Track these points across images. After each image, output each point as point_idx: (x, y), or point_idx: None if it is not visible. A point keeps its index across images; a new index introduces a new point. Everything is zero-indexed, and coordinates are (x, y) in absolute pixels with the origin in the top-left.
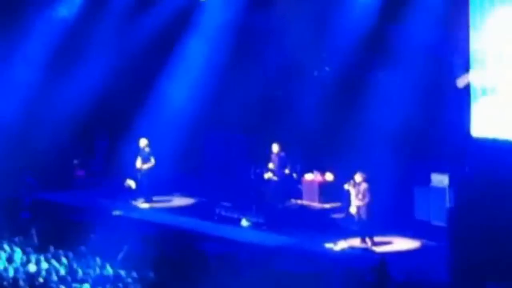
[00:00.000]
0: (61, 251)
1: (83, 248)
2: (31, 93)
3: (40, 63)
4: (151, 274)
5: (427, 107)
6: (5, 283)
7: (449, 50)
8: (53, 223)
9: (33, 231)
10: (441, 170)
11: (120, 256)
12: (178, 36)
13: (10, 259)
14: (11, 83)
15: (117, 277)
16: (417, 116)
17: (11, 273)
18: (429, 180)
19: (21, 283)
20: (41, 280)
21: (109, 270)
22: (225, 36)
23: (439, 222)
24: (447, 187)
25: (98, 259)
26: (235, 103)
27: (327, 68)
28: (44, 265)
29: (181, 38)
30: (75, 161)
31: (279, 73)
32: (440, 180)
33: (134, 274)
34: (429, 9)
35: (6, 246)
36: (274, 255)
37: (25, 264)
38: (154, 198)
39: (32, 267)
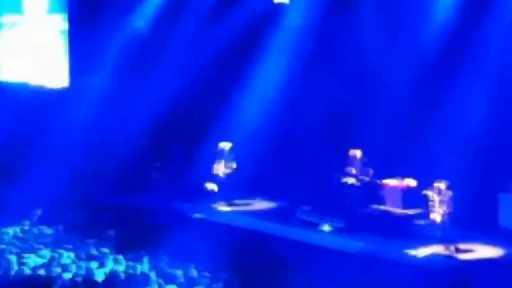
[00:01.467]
0: (143, 252)
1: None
2: (110, 97)
3: (118, 70)
4: (233, 277)
5: (510, 110)
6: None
7: None
8: (130, 226)
9: (112, 233)
10: None
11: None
12: (254, 43)
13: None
14: (90, 90)
15: (200, 279)
16: (501, 120)
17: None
18: None
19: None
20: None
21: (193, 272)
22: (302, 41)
23: None
24: None
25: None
26: (317, 108)
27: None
28: (126, 267)
29: (256, 45)
30: (152, 164)
31: (358, 78)
32: None
33: (217, 276)
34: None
35: (94, 251)
36: (354, 261)
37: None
38: (235, 202)
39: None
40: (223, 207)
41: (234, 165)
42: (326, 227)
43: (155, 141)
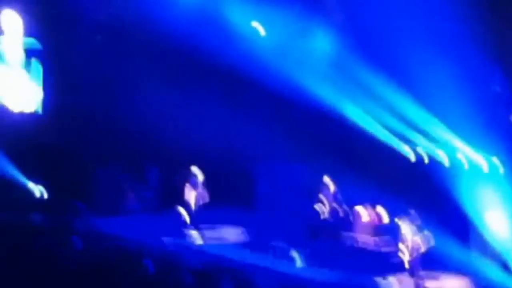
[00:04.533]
0: None
1: None
2: (83, 117)
3: (89, 91)
4: None
5: None
6: None
7: None
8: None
9: None
10: None
11: None
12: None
13: None
14: (63, 112)
15: None
16: None
17: None
18: None
19: None
20: None
21: None
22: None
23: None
24: None
25: None
26: (287, 134)
27: None
28: None
29: None
30: (126, 187)
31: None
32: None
33: None
34: None
35: None
36: None
37: None
38: (204, 227)
39: None
40: (192, 233)
41: (205, 190)
42: (295, 255)
43: (129, 163)
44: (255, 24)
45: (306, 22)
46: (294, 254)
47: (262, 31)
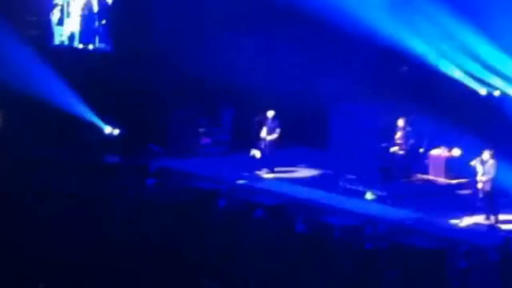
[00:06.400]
0: None
1: None
2: (161, 60)
3: (171, 33)
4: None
5: None
6: None
7: None
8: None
9: None
10: None
11: None
12: None
13: None
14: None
15: None
16: None
17: None
18: None
19: None
20: None
21: None
22: None
23: None
24: None
25: None
26: (363, 76)
27: None
28: None
29: None
30: (201, 130)
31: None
32: None
33: None
34: None
35: None
36: (398, 229)
37: None
38: (278, 169)
39: None
40: (266, 174)
41: (278, 132)
42: (370, 196)
43: (205, 106)
44: None
45: None
46: (365, 188)
47: None
